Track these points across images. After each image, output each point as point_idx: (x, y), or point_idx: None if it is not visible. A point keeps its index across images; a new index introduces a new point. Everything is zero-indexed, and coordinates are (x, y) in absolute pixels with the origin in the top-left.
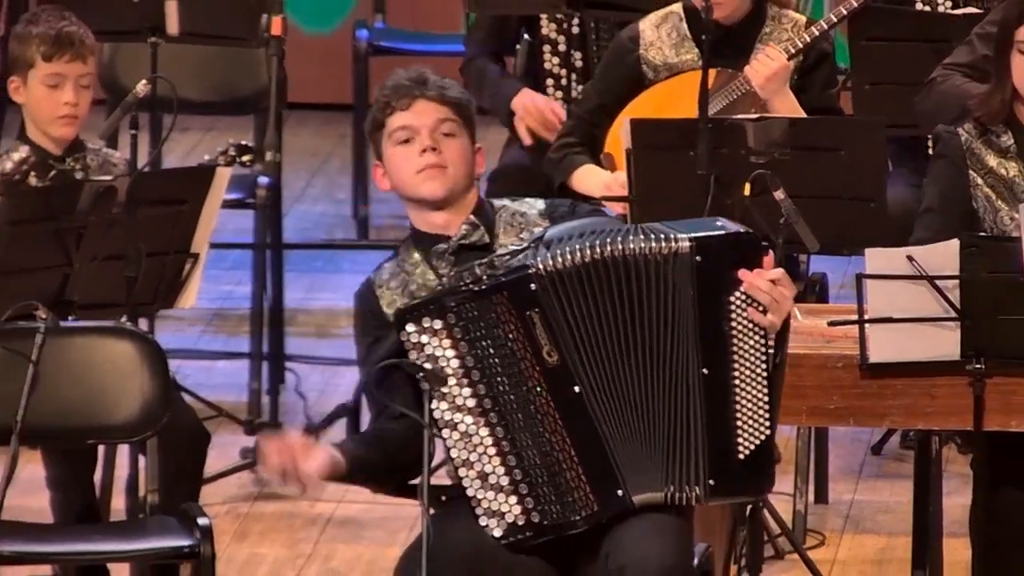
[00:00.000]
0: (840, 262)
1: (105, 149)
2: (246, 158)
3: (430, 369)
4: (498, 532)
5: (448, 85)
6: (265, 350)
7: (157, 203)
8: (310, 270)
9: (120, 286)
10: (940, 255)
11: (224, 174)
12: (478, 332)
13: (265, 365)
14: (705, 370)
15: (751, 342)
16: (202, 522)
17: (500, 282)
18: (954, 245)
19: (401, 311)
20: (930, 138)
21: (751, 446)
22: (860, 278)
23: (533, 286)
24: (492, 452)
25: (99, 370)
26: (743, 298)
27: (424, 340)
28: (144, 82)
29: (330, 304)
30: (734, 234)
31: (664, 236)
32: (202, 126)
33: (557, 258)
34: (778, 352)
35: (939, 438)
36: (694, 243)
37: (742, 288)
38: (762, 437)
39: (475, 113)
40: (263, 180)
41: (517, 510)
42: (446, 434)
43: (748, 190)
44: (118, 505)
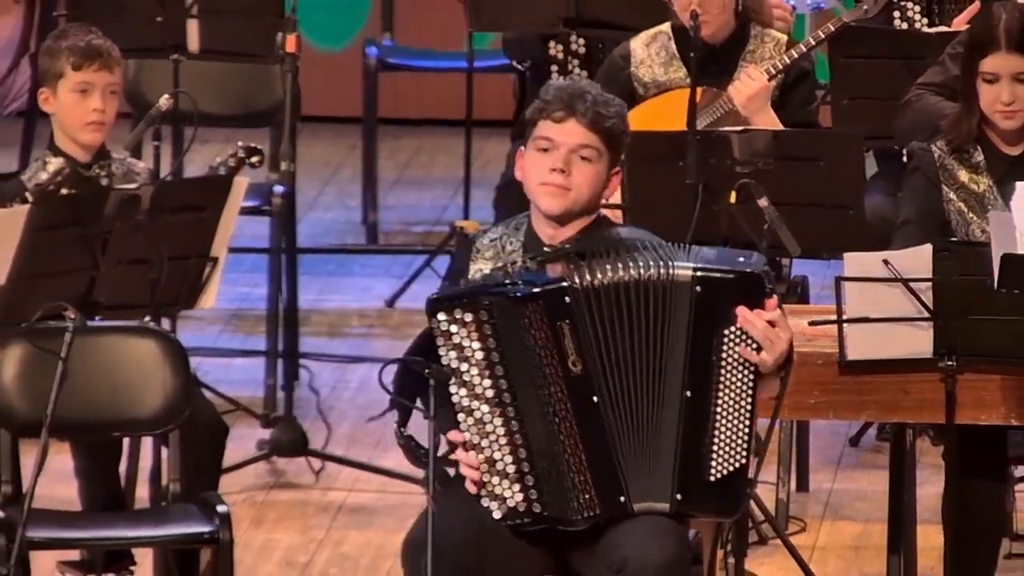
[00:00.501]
0: (820, 266)
1: (129, 159)
2: (255, 159)
3: (436, 368)
4: (498, 514)
5: (606, 109)
6: (280, 348)
7: (179, 210)
8: (322, 273)
9: (144, 288)
10: (914, 259)
11: (241, 183)
12: (507, 332)
13: (280, 362)
14: (688, 392)
15: (739, 375)
16: (221, 509)
17: (536, 291)
18: (927, 250)
19: (434, 300)
20: (905, 152)
21: (723, 471)
22: (839, 281)
23: (568, 299)
24: (503, 441)
25: (124, 367)
26: (738, 333)
27: (453, 330)
28: (167, 96)
29: (341, 305)
30: (739, 273)
31: (670, 263)
32: (221, 138)
33: (595, 274)
34: (783, 384)
35: (913, 431)
36: (696, 273)
37: (738, 324)
38: (736, 464)
39: (626, 138)
40: (278, 188)
41: (519, 497)
42: (461, 418)
43: (734, 198)
44: (142, 494)
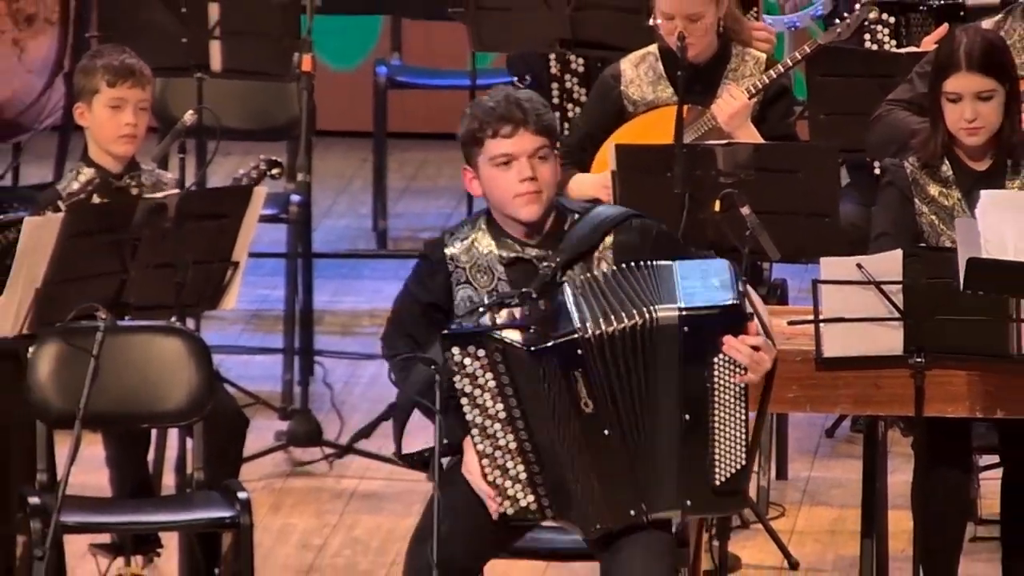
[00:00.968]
0: (798, 269)
1: (157, 170)
2: (275, 171)
3: (441, 364)
4: (511, 511)
5: (541, 111)
6: (296, 346)
7: (202, 218)
8: (336, 276)
9: (170, 290)
10: (885, 263)
11: (260, 193)
12: (520, 373)
13: (296, 359)
14: (687, 416)
15: (730, 395)
16: (242, 496)
17: (549, 346)
18: (898, 255)
19: (449, 336)
20: (877, 168)
21: (725, 475)
22: (816, 283)
23: (580, 351)
24: (516, 455)
25: (152, 364)
26: (726, 360)
27: (467, 362)
28: (191, 112)
29: (353, 306)
30: (720, 307)
31: (654, 309)
32: (242, 151)
33: (600, 325)
34: (768, 384)
35: (884, 423)
36: (682, 313)
37: (724, 351)
38: (735, 468)
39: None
40: (295, 198)
41: (531, 499)
42: (474, 432)
43: (718, 206)
44: (168, 481)
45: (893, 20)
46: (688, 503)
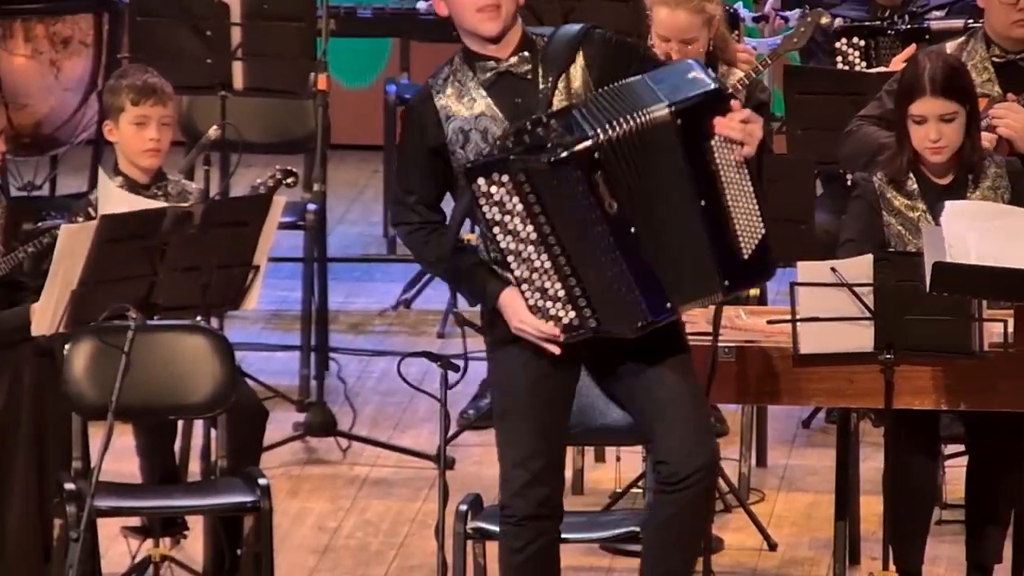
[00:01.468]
0: (777, 272)
1: (183, 181)
2: (290, 180)
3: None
4: (556, 330)
5: None
6: (312, 344)
7: (226, 225)
8: (349, 279)
9: (196, 292)
10: (857, 267)
11: (279, 202)
12: (545, 188)
13: (312, 356)
14: (702, 202)
15: (734, 170)
16: (262, 482)
17: (567, 155)
18: (869, 259)
19: (471, 168)
20: (849, 179)
21: (751, 246)
22: (793, 285)
23: (597, 155)
24: (552, 271)
25: (178, 360)
26: (721, 140)
27: (493, 191)
28: (215, 127)
29: (365, 307)
30: (704, 92)
31: (646, 110)
32: (262, 163)
33: (615, 128)
34: (759, 168)
35: (856, 414)
36: (672, 108)
37: (717, 132)
38: (758, 237)
39: None
40: (311, 206)
41: (573, 314)
42: (510, 259)
43: None
44: (194, 469)
45: (863, 43)
46: (726, 283)
